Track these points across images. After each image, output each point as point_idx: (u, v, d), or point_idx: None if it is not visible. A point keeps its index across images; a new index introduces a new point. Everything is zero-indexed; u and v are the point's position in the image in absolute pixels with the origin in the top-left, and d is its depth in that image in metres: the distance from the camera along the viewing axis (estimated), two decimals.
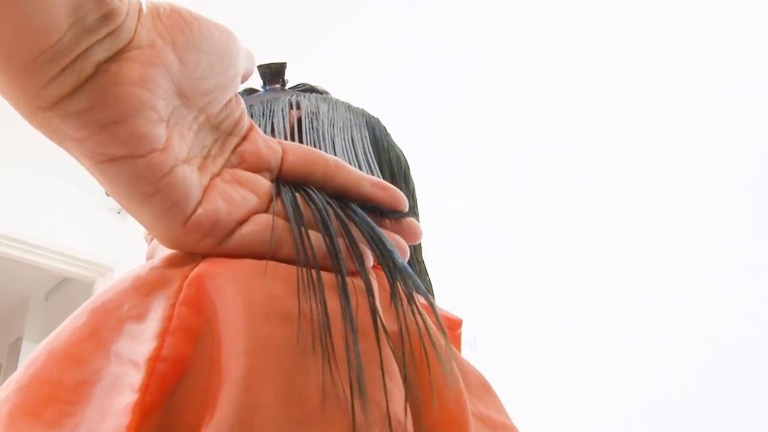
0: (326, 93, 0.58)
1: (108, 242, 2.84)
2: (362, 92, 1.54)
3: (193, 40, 0.26)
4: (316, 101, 0.53)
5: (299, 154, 0.32)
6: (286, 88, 0.59)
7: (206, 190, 0.28)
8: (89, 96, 0.24)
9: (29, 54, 0.22)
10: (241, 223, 0.29)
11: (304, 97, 0.53)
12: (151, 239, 0.54)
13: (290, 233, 0.29)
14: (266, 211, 0.30)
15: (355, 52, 2.07)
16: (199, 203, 0.28)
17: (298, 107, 0.51)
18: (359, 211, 0.32)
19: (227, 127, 0.30)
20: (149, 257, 0.54)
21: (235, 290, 0.25)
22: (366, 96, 0.56)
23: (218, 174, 0.29)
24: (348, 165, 0.33)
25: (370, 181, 0.33)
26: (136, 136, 0.25)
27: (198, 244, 0.28)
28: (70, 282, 3.31)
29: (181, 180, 0.26)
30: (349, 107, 0.55)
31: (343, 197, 0.32)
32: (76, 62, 0.23)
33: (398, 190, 0.33)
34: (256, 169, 0.31)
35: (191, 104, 0.27)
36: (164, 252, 0.50)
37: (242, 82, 0.31)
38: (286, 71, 0.60)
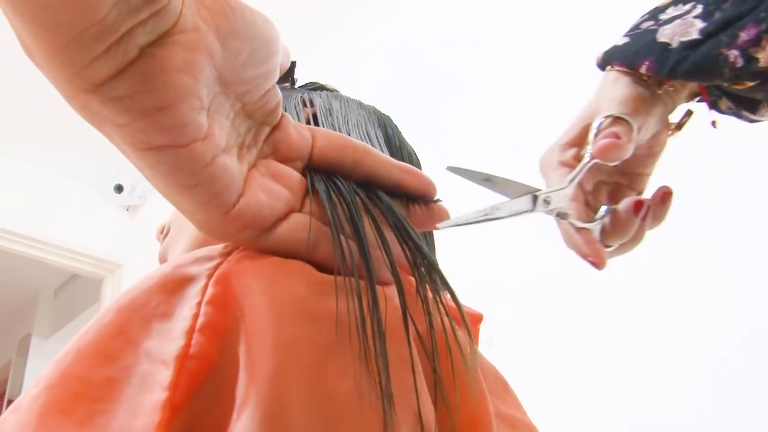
0: (336, 91, 0.58)
1: (117, 239, 2.85)
2: (362, 93, 1.53)
3: (237, 26, 0.25)
4: (328, 98, 0.53)
5: (328, 139, 0.32)
6: (296, 87, 0.59)
7: (246, 180, 0.28)
8: (133, 80, 0.23)
9: (74, 29, 0.21)
10: (281, 219, 0.29)
11: (317, 94, 0.53)
12: (163, 239, 0.55)
13: (324, 236, 0.29)
14: (300, 206, 0.30)
15: (356, 53, 2.07)
16: (241, 194, 0.27)
17: (312, 104, 0.51)
18: (386, 199, 0.31)
19: (261, 117, 0.30)
20: (162, 258, 0.54)
21: (261, 289, 0.25)
22: (366, 97, 0.57)
23: (254, 165, 0.29)
24: (375, 150, 0.32)
25: (398, 166, 0.32)
26: (180, 125, 0.24)
27: (237, 234, 0.28)
28: (79, 279, 3.32)
29: (222, 170, 0.26)
30: (360, 104, 0.56)
31: (372, 184, 0.32)
32: (120, 43, 0.22)
33: (426, 175, 0.33)
34: (289, 159, 0.31)
35: (229, 91, 0.27)
36: (178, 252, 0.50)
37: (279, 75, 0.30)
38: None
